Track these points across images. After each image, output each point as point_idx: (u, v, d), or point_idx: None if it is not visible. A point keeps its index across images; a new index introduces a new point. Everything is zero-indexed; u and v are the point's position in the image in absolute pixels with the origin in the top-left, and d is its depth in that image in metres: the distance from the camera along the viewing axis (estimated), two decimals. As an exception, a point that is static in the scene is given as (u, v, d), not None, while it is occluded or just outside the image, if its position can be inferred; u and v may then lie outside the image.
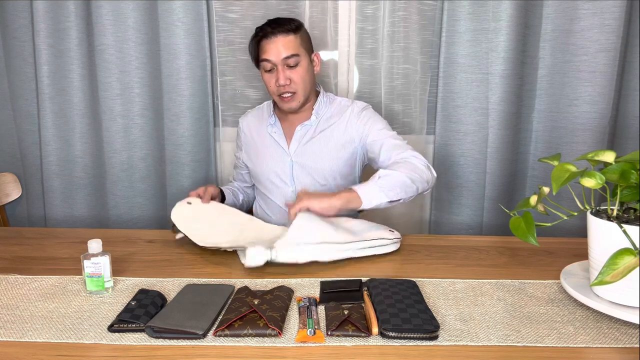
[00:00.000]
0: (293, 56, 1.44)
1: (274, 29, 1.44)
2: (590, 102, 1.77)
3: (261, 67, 1.49)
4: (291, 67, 1.45)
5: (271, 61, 1.44)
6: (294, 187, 1.56)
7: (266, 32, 1.44)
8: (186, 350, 0.86)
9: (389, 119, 1.96)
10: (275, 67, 1.45)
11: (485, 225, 1.88)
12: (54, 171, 1.87)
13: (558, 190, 0.96)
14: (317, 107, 1.55)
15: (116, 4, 1.76)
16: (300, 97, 1.49)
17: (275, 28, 1.44)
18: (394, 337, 0.89)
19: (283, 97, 1.48)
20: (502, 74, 1.76)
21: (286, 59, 1.44)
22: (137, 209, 1.91)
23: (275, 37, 1.43)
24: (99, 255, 1.05)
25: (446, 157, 1.88)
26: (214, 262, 1.26)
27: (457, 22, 1.77)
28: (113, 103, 1.83)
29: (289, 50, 1.44)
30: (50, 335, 0.91)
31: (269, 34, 1.44)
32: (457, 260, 1.26)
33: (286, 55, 1.44)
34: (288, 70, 1.45)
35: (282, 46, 1.43)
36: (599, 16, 1.71)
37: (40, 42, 1.76)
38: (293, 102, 1.49)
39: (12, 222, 1.96)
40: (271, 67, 1.46)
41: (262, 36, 1.45)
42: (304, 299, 1.02)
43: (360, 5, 1.89)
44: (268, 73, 1.47)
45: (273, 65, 1.45)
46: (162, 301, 1.02)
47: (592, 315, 0.98)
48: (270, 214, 1.61)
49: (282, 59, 1.44)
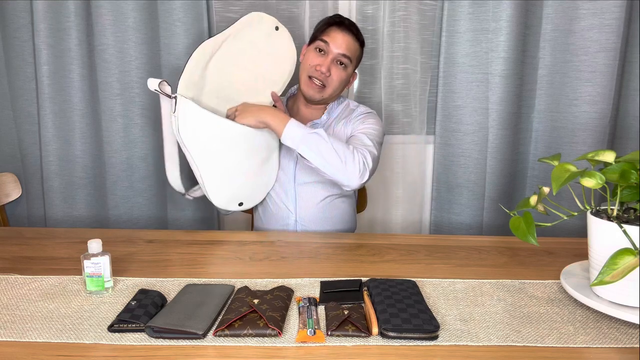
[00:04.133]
0: (347, 57, 1.51)
1: (350, 26, 1.52)
2: (590, 102, 1.77)
3: (312, 46, 1.53)
4: (338, 65, 1.50)
5: (329, 46, 1.49)
6: (295, 181, 1.57)
7: (342, 23, 1.51)
8: (186, 350, 0.86)
9: (389, 119, 1.96)
10: (327, 54, 1.49)
11: (485, 225, 1.88)
12: (54, 171, 1.87)
13: (558, 190, 0.96)
14: (330, 108, 1.60)
15: (116, 4, 1.76)
16: (327, 93, 1.54)
17: (351, 27, 1.52)
18: (394, 337, 0.89)
19: (312, 81, 1.52)
20: (502, 74, 1.76)
21: (342, 55, 1.50)
22: (137, 209, 1.91)
23: (347, 33, 1.51)
24: (99, 255, 1.05)
25: (446, 157, 1.88)
26: (214, 262, 1.26)
27: (457, 22, 1.77)
28: (113, 103, 1.83)
29: (349, 50, 1.51)
30: (50, 335, 0.91)
31: (344, 26, 1.51)
32: (457, 260, 1.26)
33: (344, 53, 1.50)
34: (334, 65, 1.50)
35: (347, 43, 1.50)
36: (599, 16, 1.71)
37: (40, 42, 1.76)
38: (317, 92, 1.53)
39: (12, 222, 1.96)
40: (323, 50, 1.50)
41: (336, 23, 1.51)
42: (304, 299, 1.02)
43: (360, 5, 1.89)
44: (316, 52, 1.51)
45: (326, 51, 1.50)
46: (162, 301, 1.02)
47: (592, 315, 0.98)
48: (270, 205, 1.62)
49: (339, 52, 1.49)
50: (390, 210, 2.06)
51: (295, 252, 1.33)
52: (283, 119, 1.41)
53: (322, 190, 1.57)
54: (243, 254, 1.32)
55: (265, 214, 1.63)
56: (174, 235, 1.47)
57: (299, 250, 1.35)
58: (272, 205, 1.61)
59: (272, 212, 1.61)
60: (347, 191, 1.62)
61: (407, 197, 2.05)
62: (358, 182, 1.39)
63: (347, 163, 1.37)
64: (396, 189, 2.04)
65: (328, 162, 1.37)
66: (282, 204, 1.59)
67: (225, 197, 1.47)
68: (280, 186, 1.59)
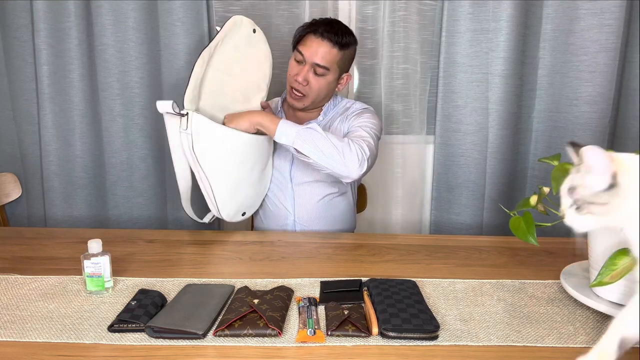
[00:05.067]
0: (322, 67, 1.47)
1: (325, 32, 1.46)
2: (590, 102, 1.76)
3: (293, 54, 1.53)
4: (316, 74, 1.48)
5: (304, 56, 1.47)
6: (291, 182, 1.57)
7: (316, 30, 1.47)
8: (186, 350, 0.86)
9: (389, 119, 1.96)
10: (304, 63, 1.48)
11: (485, 225, 1.88)
12: (54, 171, 1.87)
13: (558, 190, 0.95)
14: (326, 108, 1.60)
15: (116, 4, 1.76)
16: (307, 101, 1.53)
17: (326, 32, 1.46)
18: (394, 337, 0.89)
19: (293, 92, 1.52)
20: (502, 74, 1.76)
21: (316, 65, 1.47)
22: (137, 209, 1.91)
23: (321, 41, 1.46)
24: (99, 255, 1.05)
25: (446, 157, 1.88)
26: (214, 262, 1.26)
27: (457, 22, 1.77)
28: (113, 103, 1.83)
29: (323, 60, 1.47)
30: (50, 335, 0.91)
31: (318, 33, 1.47)
32: (457, 260, 1.26)
33: (318, 62, 1.47)
34: (311, 74, 1.48)
35: (320, 52, 1.46)
36: (599, 16, 1.70)
37: (40, 42, 1.76)
38: (298, 102, 1.53)
39: (12, 222, 1.96)
40: (301, 60, 1.49)
41: (311, 30, 1.48)
42: (304, 299, 1.02)
43: (360, 5, 1.89)
44: (295, 62, 1.51)
45: (303, 61, 1.48)
46: (162, 301, 1.02)
47: (592, 315, 0.98)
48: (269, 206, 1.62)
49: (313, 62, 1.47)
50: (390, 210, 2.06)
51: (295, 252, 1.33)
52: (274, 118, 1.40)
53: (320, 189, 1.57)
54: (243, 254, 1.32)
55: (264, 214, 1.63)
56: (174, 235, 1.47)
57: (299, 250, 1.35)
58: (271, 206, 1.61)
59: (271, 212, 1.61)
60: (346, 190, 1.62)
61: (407, 197, 2.05)
62: (358, 171, 1.37)
63: (345, 153, 1.35)
64: (396, 189, 2.03)
65: (325, 154, 1.35)
66: (281, 204, 1.59)
67: (233, 210, 1.46)
68: (278, 187, 1.59)
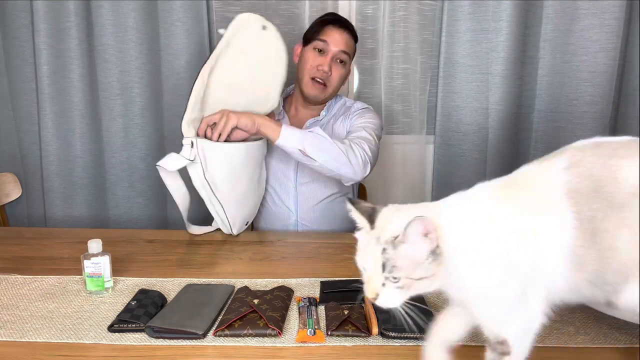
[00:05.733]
0: (346, 53, 1.53)
1: (344, 23, 1.54)
2: (590, 102, 1.76)
3: (309, 46, 1.53)
4: (337, 63, 1.53)
5: (328, 46, 1.50)
6: (295, 181, 1.58)
7: (337, 21, 1.53)
8: (186, 350, 0.86)
9: (389, 119, 1.96)
10: (327, 53, 1.51)
11: (485, 225, 1.88)
12: (54, 171, 1.87)
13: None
14: (329, 105, 1.62)
15: (116, 4, 1.76)
16: (328, 92, 1.56)
17: (345, 23, 1.54)
18: (394, 337, 0.89)
19: (315, 82, 1.53)
20: (502, 74, 1.76)
21: (341, 52, 1.52)
22: (137, 209, 1.91)
23: (343, 30, 1.53)
24: (99, 255, 1.05)
25: (446, 157, 1.88)
26: (214, 262, 1.26)
27: (457, 22, 1.77)
28: (113, 103, 1.83)
29: (347, 47, 1.53)
30: (50, 335, 0.91)
31: (339, 23, 1.52)
32: (457, 260, 1.26)
33: (344, 49, 1.52)
34: (334, 63, 1.53)
35: (345, 40, 1.52)
36: (599, 16, 1.70)
37: (40, 42, 1.76)
38: (321, 92, 1.55)
39: (12, 222, 1.96)
40: (322, 49, 1.51)
41: (331, 21, 1.53)
42: (304, 299, 1.02)
43: (360, 5, 1.89)
44: (315, 52, 1.52)
45: (326, 50, 1.51)
46: (162, 301, 1.02)
47: (592, 315, 0.98)
48: (271, 205, 1.62)
49: (339, 50, 1.51)
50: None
51: (295, 252, 1.33)
52: (276, 122, 1.38)
53: (322, 189, 1.57)
54: (243, 254, 1.32)
55: (266, 214, 1.63)
56: (174, 235, 1.47)
57: (299, 250, 1.35)
58: (273, 205, 1.61)
59: (273, 212, 1.61)
60: (348, 190, 1.62)
61: (407, 197, 2.05)
62: (362, 173, 1.39)
63: (349, 155, 1.37)
64: (396, 189, 2.04)
65: (331, 156, 1.35)
66: (283, 204, 1.59)
67: (240, 223, 1.45)
68: (281, 186, 1.59)
